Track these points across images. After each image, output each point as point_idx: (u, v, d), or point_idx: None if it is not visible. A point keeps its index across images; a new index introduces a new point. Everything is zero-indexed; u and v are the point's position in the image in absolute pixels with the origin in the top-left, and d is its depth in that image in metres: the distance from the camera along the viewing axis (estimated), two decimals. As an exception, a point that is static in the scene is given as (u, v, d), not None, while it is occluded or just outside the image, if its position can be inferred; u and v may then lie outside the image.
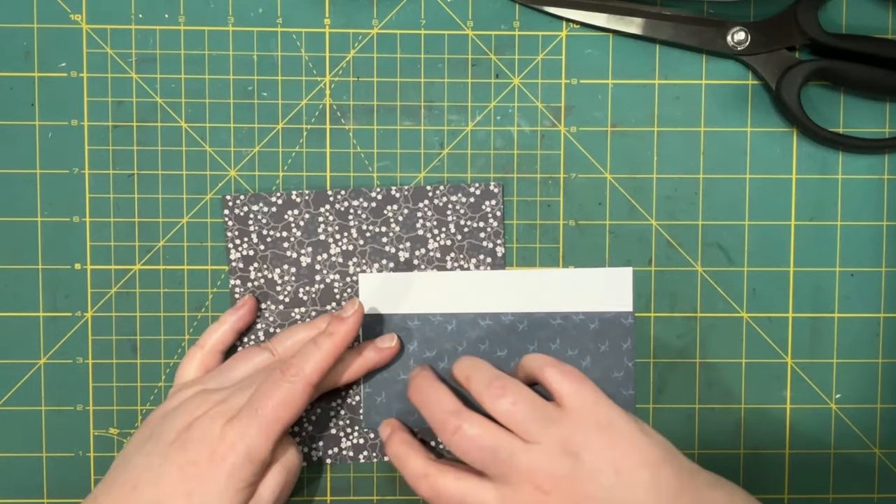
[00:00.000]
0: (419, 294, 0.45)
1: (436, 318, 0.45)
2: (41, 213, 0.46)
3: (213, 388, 0.42)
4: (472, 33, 0.46)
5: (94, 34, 0.46)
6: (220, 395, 0.41)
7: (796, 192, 0.47)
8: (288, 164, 0.46)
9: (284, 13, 0.46)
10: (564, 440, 0.36)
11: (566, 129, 0.46)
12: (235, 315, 0.45)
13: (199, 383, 0.43)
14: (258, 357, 0.44)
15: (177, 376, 0.45)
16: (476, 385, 0.39)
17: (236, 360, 0.44)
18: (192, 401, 0.41)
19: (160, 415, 0.42)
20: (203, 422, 0.40)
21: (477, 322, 0.45)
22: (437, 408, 0.39)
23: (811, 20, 0.44)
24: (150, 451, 0.40)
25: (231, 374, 0.43)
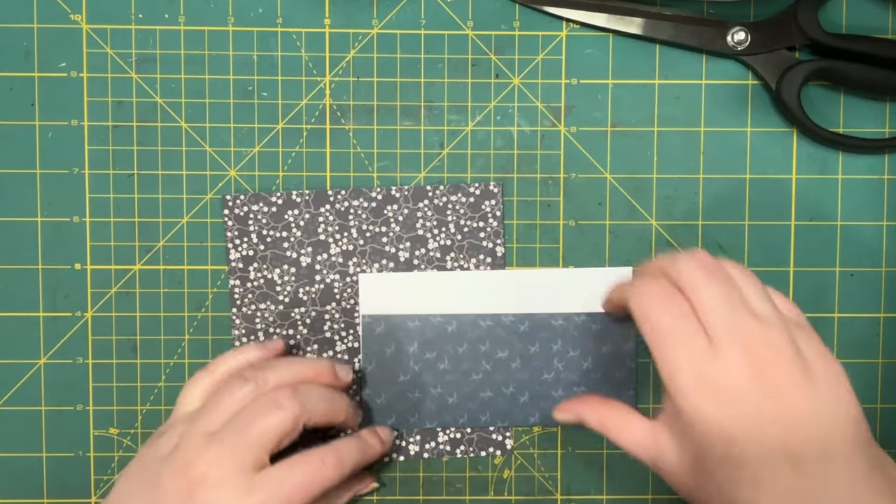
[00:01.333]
0: (419, 294, 0.45)
1: (436, 318, 0.45)
2: (41, 213, 0.46)
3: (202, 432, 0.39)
4: (472, 33, 0.46)
5: (94, 34, 0.46)
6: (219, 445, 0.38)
7: (796, 192, 0.47)
8: (288, 164, 0.46)
9: (284, 13, 0.46)
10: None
11: (566, 129, 0.46)
12: (259, 352, 0.43)
13: (188, 422, 0.40)
14: (244, 389, 0.40)
15: (179, 401, 0.42)
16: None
17: (221, 394, 0.40)
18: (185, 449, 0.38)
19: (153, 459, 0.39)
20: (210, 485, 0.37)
21: (477, 323, 0.45)
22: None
23: (811, 20, 0.44)
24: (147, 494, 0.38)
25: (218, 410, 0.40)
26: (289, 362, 0.42)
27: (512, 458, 0.47)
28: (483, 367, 0.46)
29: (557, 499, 0.47)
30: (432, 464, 0.47)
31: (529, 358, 0.46)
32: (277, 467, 0.38)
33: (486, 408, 0.46)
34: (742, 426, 0.34)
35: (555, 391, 0.46)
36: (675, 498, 0.47)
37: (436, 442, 0.47)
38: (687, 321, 0.35)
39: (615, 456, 0.47)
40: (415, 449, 0.47)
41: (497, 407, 0.46)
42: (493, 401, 0.46)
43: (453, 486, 0.47)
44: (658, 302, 0.36)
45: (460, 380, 0.46)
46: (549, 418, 0.46)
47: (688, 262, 0.36)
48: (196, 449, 0.38)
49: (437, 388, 0.46)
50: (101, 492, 0.47)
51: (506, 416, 0.46)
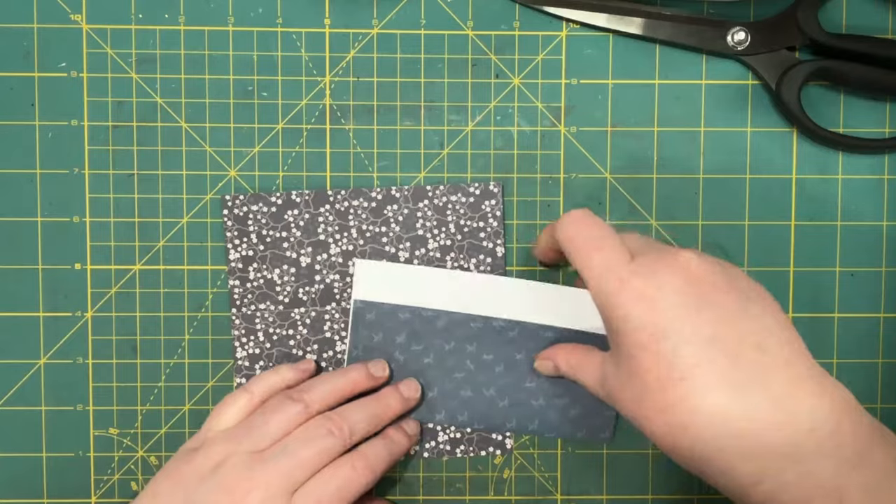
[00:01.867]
0: (413, 287, 0.45)
1: (427, 313, 0.45)
2: (41, 213, 0.46)
3: (248, 451, 0.40)
4: (472, 33, 0.46)
5: (94, 34, 0.46)
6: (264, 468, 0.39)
7: (796, 192, 0.47)
8: (288, 164, 0.46)
9: (284, 13, 0.46)
10: None
11: (566, 129, 0.46)
12: (293, 373, 0.44)
13: (232, 440, 0.40)
14: (292, 410, 0.41)
15: (213, 418, 0.42)
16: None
17: (267, 414, 0.41)
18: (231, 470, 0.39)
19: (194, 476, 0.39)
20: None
21: (468, 323, 0.45)
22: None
23: (811, 20, 0.44)
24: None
25: (265, 430, 0.40)
26: (328, 380, 0.43)
27: (512, 458, 0.47)
28: (467, 366, 0.45)
29: (557, 499, 0.47)
30: (432, 464, 0.47)
31: (514, 364, 0.45)
32: (312, 482, 0.39)
33: (464, 407, 0.46)
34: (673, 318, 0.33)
35: (535, 400, 0.46)
36: (675, 498, 0.47)
37: (436, 442, 0.47)
38: (613, 236, 0.36)
39: (615, 456, 0.47)
40: (415, 448, 0.47)
41: (476, 408, 0.46)
42: (472, 401, 0.46)
43: (453, 486, 0.47)
44: (584, 222, 0.37)
45: (443, 376, 0.46)
46: (525, 427, 0.46)
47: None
48: (243, 469, 0.39)
49: (421, 379, 0.46)
50: (100, 492, 0.47)
51: (483, 418, 0.46)
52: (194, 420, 0.47)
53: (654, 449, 0.47)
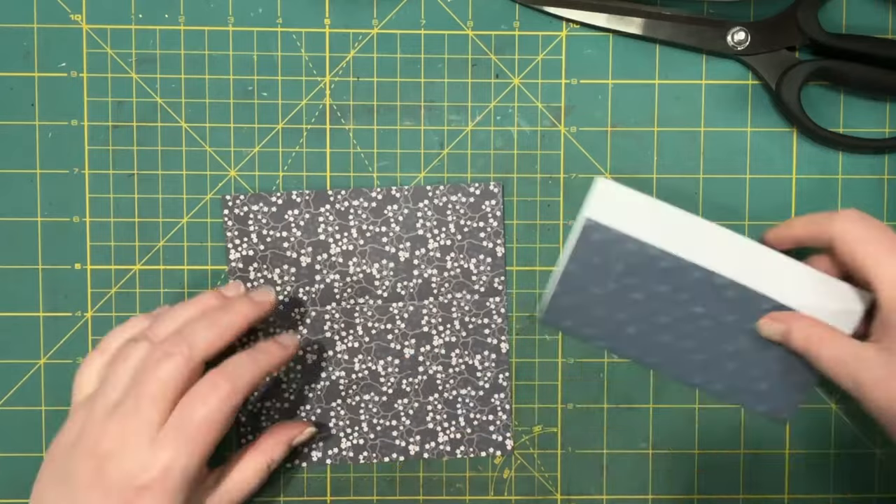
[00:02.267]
0: (646, 221, 0.44)
1: (654, 251, 0.43)
2: (41, 213, 0.46)
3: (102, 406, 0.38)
4: (472, 33, 0.46)
5: (94, 34, 0.46)
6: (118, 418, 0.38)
7: (796, 192, 0.47)
8: (288, 164, 0.46)
9: (284, 13, 0.46)
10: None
11: (566, 129, 0.46)
12: (147, 319, 0.42)
13: (89, 402, 0.39)
14: (138, 351, 0.39)
15: (75, 388, 0.41)
16: None
17: (116, 364, 0.39)
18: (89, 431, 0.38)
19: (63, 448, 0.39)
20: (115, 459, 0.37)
21: (690, 272, 0.44)
22: None
23: (811, 20, 0.44)
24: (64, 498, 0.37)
25: (116, 381, 0.39)
26: (174, 310, 0.40)
27: (512, 458, 0.47)
28: (674, 313, 0.44)
29: (557, 499, 0.47)
30: (432, 464, 0.47)
31: (721, 324, 0.44)
32: (174, 415, 0.37)
33: (657, 351, 0.45)
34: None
35: (729, 364, 0.45)
36: (675, 498, 0.47)
37: (436, 442, 0.47)
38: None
39: (615, 456, 0.47)
40: (415, 449, 0.47)
41: (669, 355, 0.45)
42: (668, 347, 0.45)
43: (453, 486, 0.47)
44: (869, 222, 0.39)
45: (646, 316, 0.44)
46: (710, 386, 0.45)
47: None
48: (100, 426, 0.37)
49: (621, 314, 0.45)
50: (101, 492, 0.47)
51: (673, 365, 0.45)
52: (194, 420, 0.47)
53: (654, 449, 0.47)
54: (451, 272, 0.46)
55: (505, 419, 0.47)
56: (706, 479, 0.47)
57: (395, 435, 0.47)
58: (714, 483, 0.47)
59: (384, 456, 0.47)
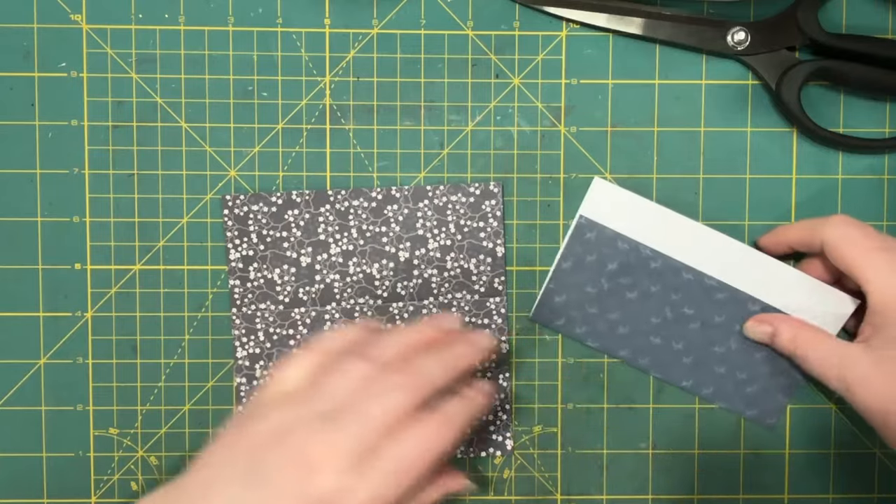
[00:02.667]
0: (640, 221, 0.44)
1: (645, 250, 0.45)
2: (41, 213, 0.46)
3: (317, 414, 0.36)
4: (472, 33, 0.46)
5: (94, 34, 0.46)
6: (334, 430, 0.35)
7: (796, 192, 0.47)
8: (288, 164, 0.46)
9: (284, 13, 0.46)
10: None
11: (566, 129, 0.46)
12: (358, 330, 0.40)
13: (298, 403, 0.37)
14: (360, 367, 0.37)
15: (273, 381, 0.38)
16: None
17: (333, 373, 0.37)
18: (299, 433, 0.35)
19: (256, 438, 0.36)
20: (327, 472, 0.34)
21: (680, 273, 0.45)
22: None
23: (811, 20, 0.44)
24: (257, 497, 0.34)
25: (332, 391, 0.37)
26: (397, 334, 0.39)
27: (512, 458, 0.47)
28: (665, 313, 0.45)
29: (557, 499, 0.47)
30: (432, 464, 0.47)
31: (711, 326, 0.45)
32: (389, 444, 0.35)
33: (649, 352, 0.45)
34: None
35: (718, 367, 0.45)
36: (675, 498, 0.47)
37: None
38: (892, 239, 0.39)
39: (615, 456, 0.47)
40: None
41: (660, 357, 0.46)
42: (658, 349, 0.45)
43: (453, 486, 0.47)
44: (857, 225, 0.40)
45: (639, 316, 0.45)
46: (699, 389, 0.46)
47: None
48: (312, 434, 0.35)
49: (614, 313, 0.45)
50: (100, 492, 0.47)
51: (664, 367, 0.46)
52: (194, 420, 0.47)
53: (654, 449, 0.47)
54: (451, 272, 0.46)
55: (505, 419, 0.47)
56: (706, 479, 0.47)
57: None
58: (714, 483, 0.47)
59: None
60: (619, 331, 0.45)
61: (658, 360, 0.46)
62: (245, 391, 0.46)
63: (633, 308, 0.45)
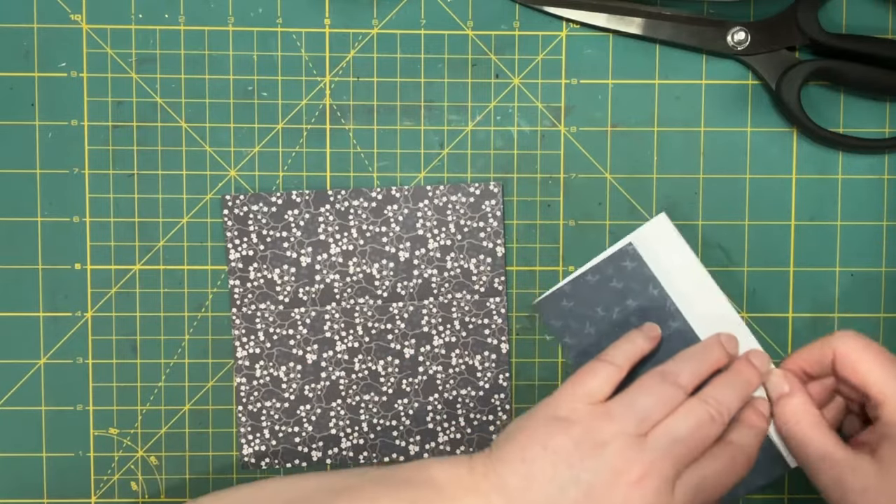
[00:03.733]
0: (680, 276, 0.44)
1: (671, 306, 0.44)
2: (41, 213, 0.46)
3: (633, 433, 0.38)
4: (472, 33, 0.46)
5: (94, 34, 0.46)
6: (653, 454, 0.38)
7: (796, 192, 0.47)
8: (288, 164, 0.46)
9: (284, 13, 0.46)
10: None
11: (566, 129, 0.46)
12: (646, 341, 0.42)
13: (615, 419, 0.39)
14: (669, 392, 0.39)
15: (577, 386, 0.40)
16: None
17: (645, 395, 0.39)
18: (622, 452, 0.38)
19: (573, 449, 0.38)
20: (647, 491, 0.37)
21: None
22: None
23: (811, 20, 0.44)
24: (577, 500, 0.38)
25: (647, 413, 0.39)
26: (693, 359, 0.41)
27: (512, 458, 0.47)
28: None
29: (557, 499, 0.47)
30: (432, 464, 0.47)
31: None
32: (694, 468, 0.39)
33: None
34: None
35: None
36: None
37: (436, 442, 0.47)
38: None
39: (615, 456, 0.47)
40: (415, 449, 0.47)
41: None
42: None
43: (453, 486, 0.47)
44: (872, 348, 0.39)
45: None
46: None
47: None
48: (631, 451, 0.38)
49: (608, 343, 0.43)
50: (100, 492, 0.47)
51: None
52: (194, 420, 0.47)
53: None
54: (451, 272, 0.46)
55: (505, 419, 0.47)
56: (706, 479, 0.47)
57: (395, 435, 0.47)
58: (714, 483, 0.47)
59: (384, 456, 0.47)
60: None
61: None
62: (245, 391, 0.46)
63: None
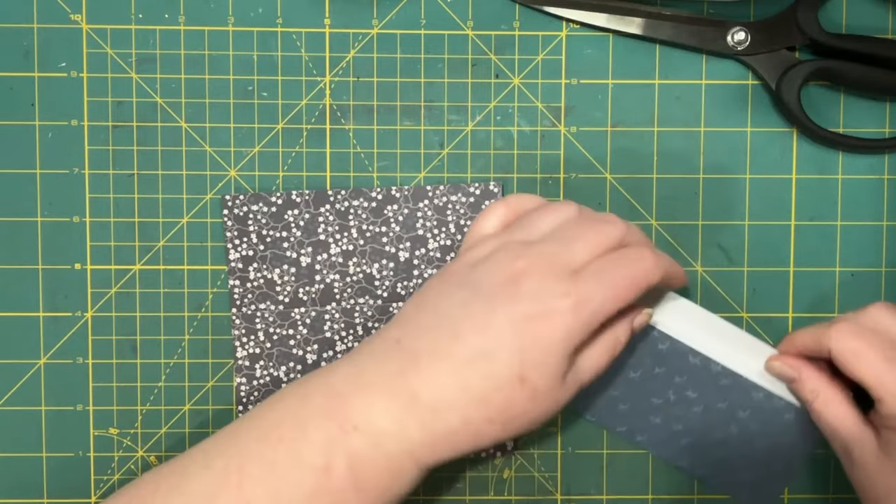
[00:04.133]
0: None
1: (654, 331, 0.44)
2: (41, 213, 0.46)
3: (521, 240, 0.38)
4: (472, 33, 0.46)
5: (94, 34, 0.46)
6: (541, 248, 0.37)
7: (796, 192, 0.47)
8: (288, 164, 0.46)
9: (284, 13, 0.46)
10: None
11: (566, 129, 0.46)
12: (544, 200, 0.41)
13: (503, 235, 0.38)
14: (567, 211, 0.39)
15: (473, 230, 0.40)
16: None
17: (541, 213, 0.39)
18: (505, 252, 0.37)
19: (465, 266, 0.38)
20: (533, 277, 0.36)
21: (686, 356, 0.44)
22: None
23: (811, 20, 0.44)
24: (466, 299, 0.36)
25: (538, 226, 0.38)
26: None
27: (512, 458, 0.47)
28: (668, 395, 0.44)
29: (557, 499, 0.47)
30: (432, 464, 0.47)
31: (713, 411, 0.44)
32: (600, 259, 0.37)
33: (647, 430, 0.45)
34: None
35: (716, 451, 0.44)
36: (675, 498, 0.47)
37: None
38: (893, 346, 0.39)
39: (615, 456, 0.47)
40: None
41: (656, 435, 0.45)
42: (656, 429, 0.45)
43: (453, 486, 0.47)
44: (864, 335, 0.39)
45: (641, 395, 0.44)
46: (694, 470, 0.45)
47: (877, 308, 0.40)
48: (516, 251, 0.37)
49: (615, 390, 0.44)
50: (100, 492, 0.47)
51: (660, 447, 0.45)
52: (194, 420, 0.47)
53: (654, 449, 0.47)
54: (451, 272, 0.46)
55: (505, 419, 0.47)
56: (706, 479, 0.47)
57: None
58: (714, 483, 0.47)
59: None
60: (619, 407, 0.45)
61: (655, 438, 0.45)
62: (245, 391, 0.46)
63: (635, 387, 0.44)
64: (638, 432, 0.45)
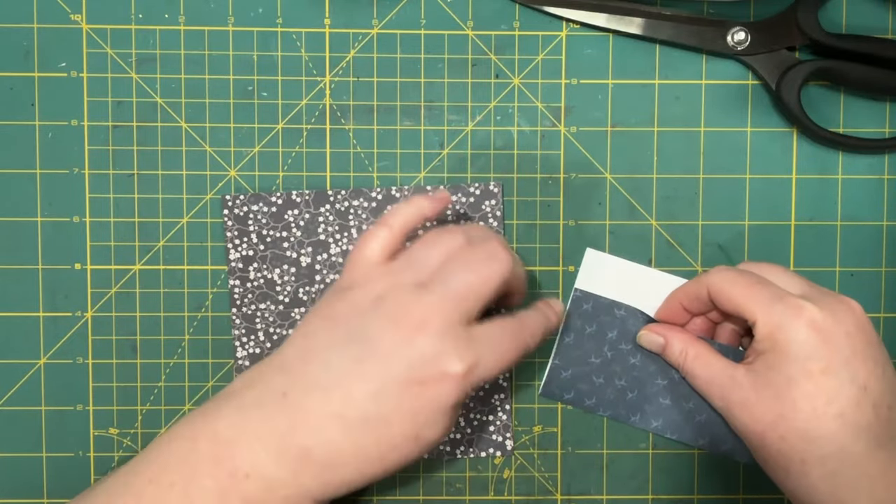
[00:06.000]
0: (635, 287, 0.45)
1: (642, 316, 0.45)
2: (41, 213, 0.46)
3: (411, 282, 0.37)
4: (472, 33, 0.46)
5: (94, 34, 0.46)
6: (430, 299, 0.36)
7: (796, 192, 0.47)
8: (288, 164, 0.46)
9: (284, 13, 0.46)
10: None
11: (566, 129, 0.46)
12: (427, 201, 0.40)
13: (390, 275, 0.38)
14: (452, 241, 0.38)
15: (356, 257, 0.39)
16: None
17: (428, 247, 0.38)
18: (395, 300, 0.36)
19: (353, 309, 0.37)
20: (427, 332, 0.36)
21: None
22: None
23: (811, 20, 0.44)
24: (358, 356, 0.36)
25: (426, 263, 0.38)
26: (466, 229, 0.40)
27: (512, 458, 0.47)
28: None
29: (557, 499, 0.47)
30: (432, 464, 0.47)
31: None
32: (489, 325, 0.37)
33: (660, 414, 0.45)
34: (843, 358, 0.38)
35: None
36: (675, 498, 0.47)
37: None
38: (768, 280, 0.40)
39: (615, 456, 0.47)
40: (415, 449, 0.47)
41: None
42: (668, 410, 0.45)
43: (453, 486, 0.47)
44: (736, 271, 0.41)
45: (645, 379, 0.45)
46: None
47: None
48: (408, 299, 0.36)
49: (621, 380, 0.45)
50: (101, 492, 0.47)
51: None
52: (194, 420, 0.47)
53: (654, 449, 0.47)
54: (451, 272, 0.46)
55: (505, 419, 0.47)
56: (706, 479, 0.47)
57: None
58: (714, 483, 0.47)
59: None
60: (628, 397, 0.45)
61: (670, 421, 0.45)
62: (245, 391, 0.46)
63: (638, 372, 0.45)
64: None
